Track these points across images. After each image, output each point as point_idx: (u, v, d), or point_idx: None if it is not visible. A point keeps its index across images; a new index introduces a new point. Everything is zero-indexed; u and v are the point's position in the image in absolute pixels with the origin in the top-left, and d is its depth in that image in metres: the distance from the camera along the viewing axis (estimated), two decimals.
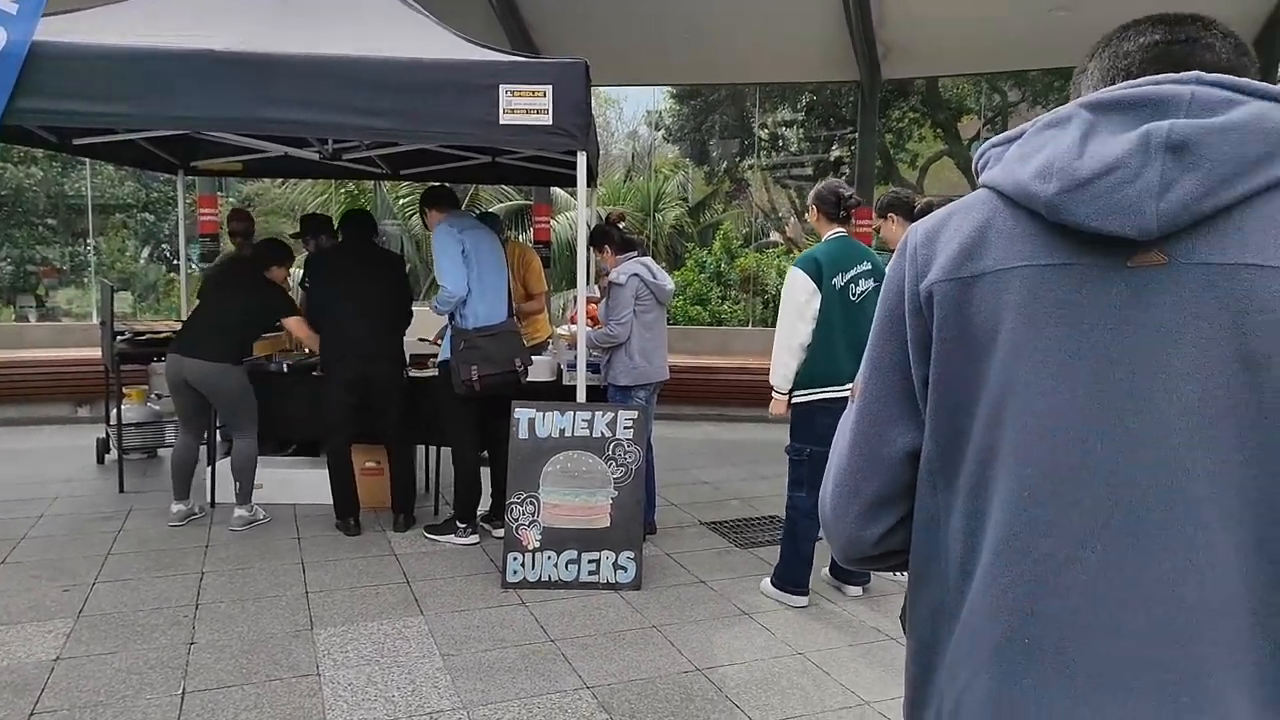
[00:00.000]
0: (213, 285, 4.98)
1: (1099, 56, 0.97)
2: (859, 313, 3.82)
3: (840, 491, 1.02)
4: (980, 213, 0.92)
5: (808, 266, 3.82)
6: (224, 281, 4.94)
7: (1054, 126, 0.89)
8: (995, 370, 0.87)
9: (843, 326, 3.80)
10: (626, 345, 4.63)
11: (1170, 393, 0.81)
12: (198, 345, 4.65)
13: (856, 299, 3.84)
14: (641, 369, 4.66)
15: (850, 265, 3.85)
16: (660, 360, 4.80)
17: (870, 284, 3.87)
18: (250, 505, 4.89)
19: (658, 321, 4.78)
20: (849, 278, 3.83)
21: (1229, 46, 0.91)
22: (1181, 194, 0.79)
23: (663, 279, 4.79)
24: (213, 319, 4.71)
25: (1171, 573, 0.80)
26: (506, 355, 4.47)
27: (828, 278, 3.79)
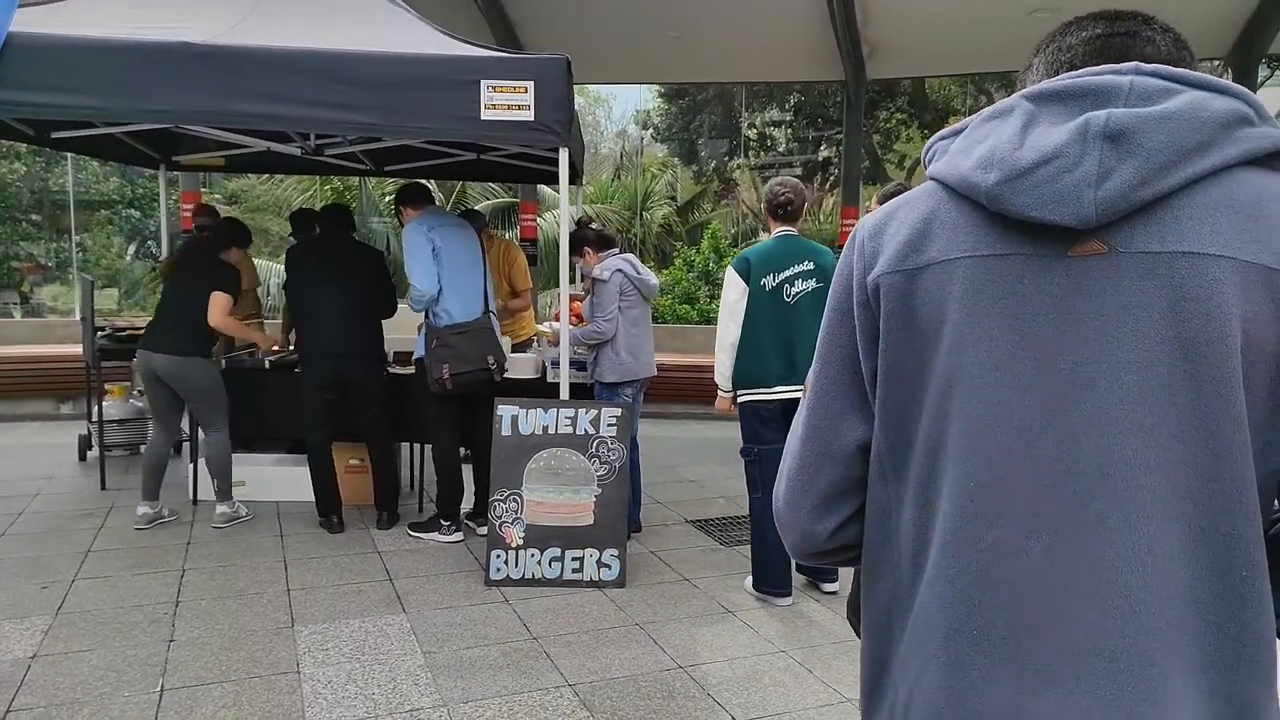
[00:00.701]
0: (171, 275, 4.85)
1: (1043, 52, 0.98)
2: (792, 314, 3.81)
3: (793, 487, 1.01)
4: (925, 205, 0.92)
5: (739, 266, 3.87)
6: (181, 270, 4.80)
7: (997, 118, 0.89)
8: (941, 362, 0.88)
9: (771, 327, 3.80)
10: (613, 342, 4.62)
11: (1112, 382, 0.81)
12: (163, 339, 4.60)
13: (791, 299, 3.82)
14: (628, 365, 4.66)
15: (786, 265, 3.84)
16: (647, 357, 4.80)
17: (811, 284, 3.83)
18: (232, 501, 4.85)
19: (643, 318, 4.78)
20: (783, 278, 3.82)
21: (1169, 40, 0.92)
22: (1119, 182, 0.79)
23: (646, 274, 4.78)
24: (174, 311, 4.65)
25: (1116, 561, 0.80)
26: (479, 353, 4.45)
27: (756, 278, 3.81)
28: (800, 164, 18.28)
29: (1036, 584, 0.82)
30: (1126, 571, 0.80)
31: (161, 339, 4.60)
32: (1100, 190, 0.79)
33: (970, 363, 0.86)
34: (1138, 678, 0.79)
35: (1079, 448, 0.81)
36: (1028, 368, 0.83)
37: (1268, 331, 0.78)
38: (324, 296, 4.64)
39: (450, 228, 4.59)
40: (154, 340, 4.61)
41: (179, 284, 4.72)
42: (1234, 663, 0.80)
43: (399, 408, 4.97)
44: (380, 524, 4.85)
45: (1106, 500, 0.80)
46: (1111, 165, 0.80)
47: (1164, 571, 0.79)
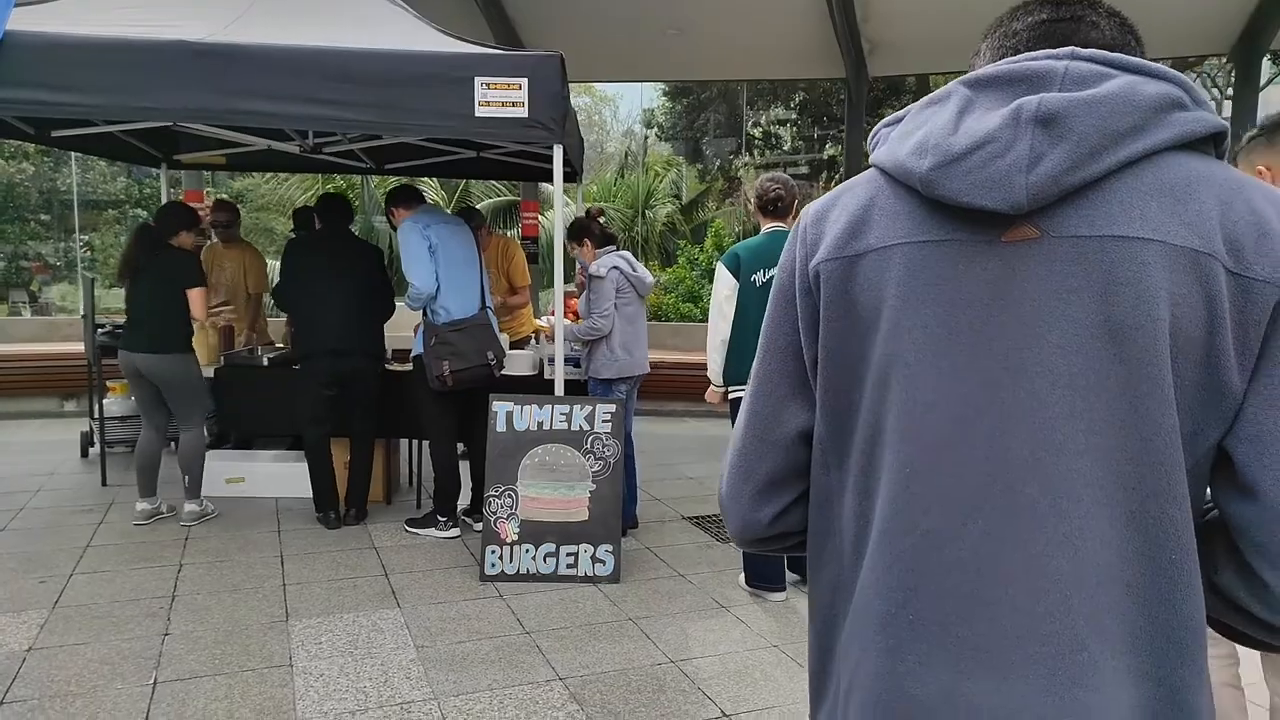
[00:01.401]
0: (135, 270, 4.68)
1: (990, 37, 0.98)
2: None
3: (734, 473, 1.02)
4: (865, 191, 0.92)
5: (729, 262, 3.87)
6: (140, 264, 4.65)
7: (934, 104, 0.90)
8: (879, 348, 0.88)
9: (758, 324, 3.79)
10: (608, 338, 4.63)
11: (1043, 366, 0.81)
12: (144, 338, 4.59)
13: None
14: (623, 362, 4.67)
15: (775, 261, 3.84)
16: (641, 354, 4.80)
17: None
18: (200, 500, 4.85)
19: (638, 315, 4.78)
20: (772, 274, 3.84)
21: (1113, 25, 0.92)
22: (1050, 167, 0.79)
23: (642, 272, 4.80)
24: (149, 309, 4.61)
25: (1047, 546, 0.80)
26: (477, 349, 4.46)
27: (746, 274, 3.81)
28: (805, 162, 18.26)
29: (970, 569, 0.82)
30: (1057, 556, 0.80)
31: (142, 338, 4.60)
32: (1031, 175, 0.79)
33: (906, 349, 0.86)
34: (1069, 661, 0.79)
35: (1012, 433, 0.81)
36: (963, 353, 0.84)
37: (1195, 314, 0.78)
38: (326, 292, 4.64)
39: (445, 225, 4.60)
40: (134, 339, 4.61)
41: (146, 281, 4.62)
42: (1164, 646, 0.80)
43: (396, 404, 4.98)
44: (348, 520, 4.86)
45: (1037, 485, 0.80)
46: (1043, 150, 0.79)
47: (1094, 555, 0.79)
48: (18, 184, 15.86)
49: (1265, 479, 0.78)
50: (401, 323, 5.16)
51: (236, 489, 5.28)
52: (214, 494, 5.17)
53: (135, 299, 4.65)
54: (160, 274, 4.62)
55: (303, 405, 4.80)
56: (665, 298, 12.38)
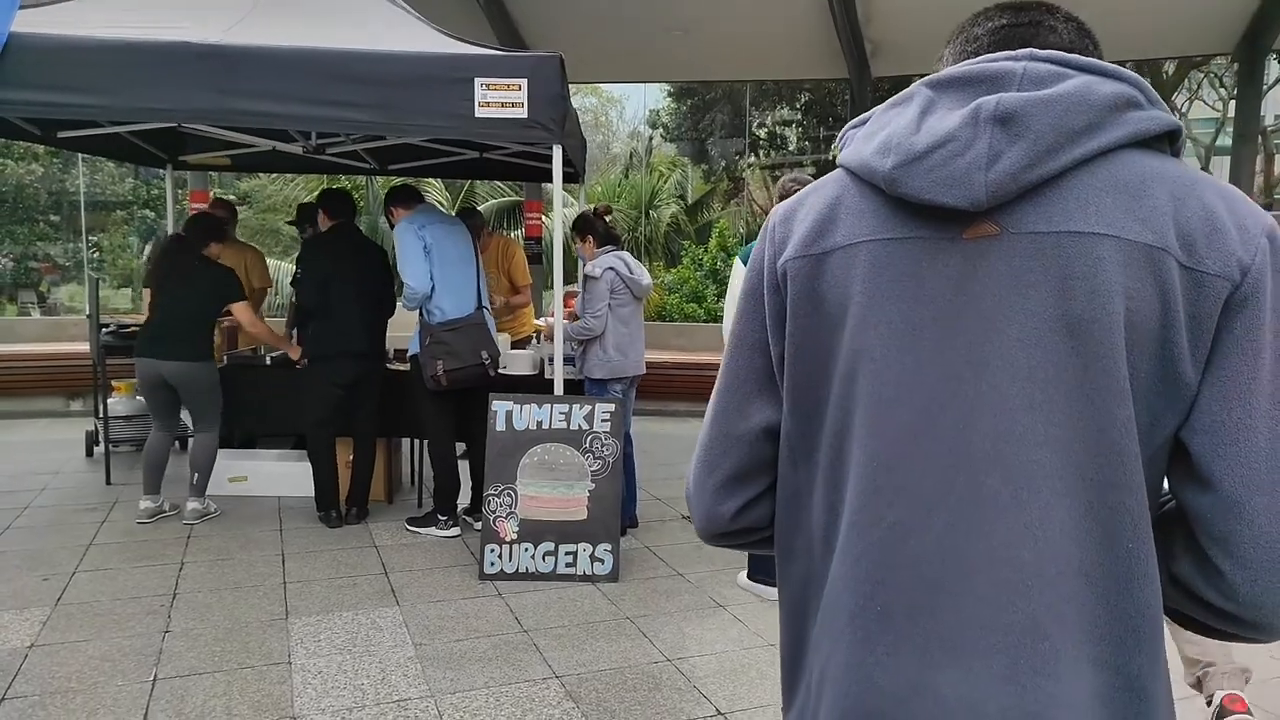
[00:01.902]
0: (163, 279, 4.75)
1: (953, 43, 1.00)
2: None
3: (700, 467, 1.03)
4: (832, 191, 0.94)
5: (746, 259, 3.82)
6: (172, 273, 4.74)
7: (898, 105, 0.92)
8: (846, 344, 0.89)
9: None
10: (601, 339, 4.65)
11: (1004, 360, 0.82)
12: (172, 346, 4.62)
13: None
14: (616, 363, 4.68)
15: None
16: (636, 354, 4.82)
17: None
18: (204, 499, 4.89)
19: (634, 316, 4.80)
20: None
21: (1071, 29, 0.94)
22: (1008, 164, 0.81)
23: (639, 273, 4.81)
24: (177, 316, 4.65)
25: (1009, 536, 0.81)
26: (472, 348, 4.48)
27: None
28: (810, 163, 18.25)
29: (936, 561, 0.83)
30: (1017, 546, 0.81)
31: (171, 347, 4.62)
32: (990, 173, 0.81)
33: (873, 344, 0.87)
34: (1030, 651, 0.80)
35: (975, 426, 0.83)
36: (927, 348, 0.85)
37: (1150, 308, 0.80)
38: (345, 292, 4.67)
39: (441, 225, 4.61)
40: (161, 348, 4.62)
41: (176, 291, 4.67)
42: (1122, 634, 0.81)
43: (397, 404, 5.01)
44: (350, 519, 4.89)
45: (999, 476, 0.82)
46: (1001, 148, 0.81)
47: (1054, 546, 0.81)
48: (27, 185, 15.96)
49: (1220, 469, 0.80)
50: (402, 322, 5.18)
51: (239, 488, 5.31)
52: (217, 493, 5.19)
53: (166, 307, 4.66)
54: (197, 285, 4.68)
55: (310, 405, 4.82)
56: (669, 298, 12.39)
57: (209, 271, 4.75)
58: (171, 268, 4.73)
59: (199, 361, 4.70)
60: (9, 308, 14.86)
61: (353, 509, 4.91)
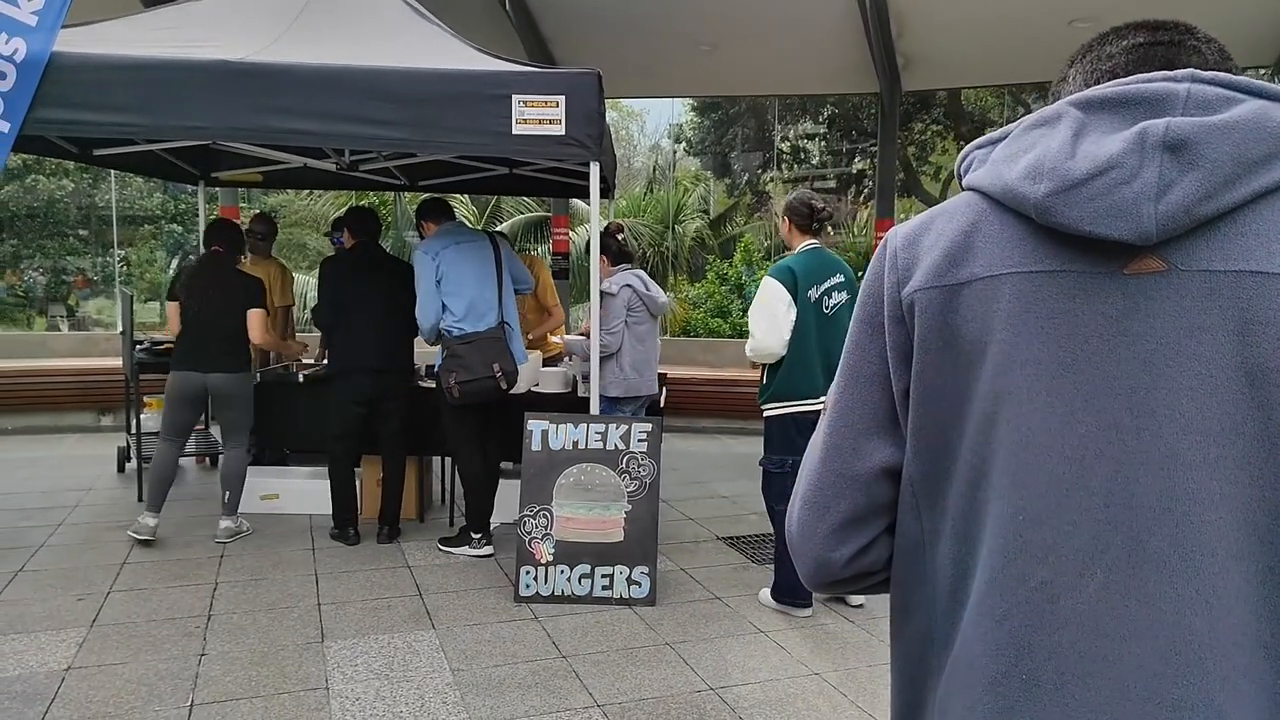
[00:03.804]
0: (202, 291, 4.70)
1: (1080, 62, 0.93)
2: (833, 325, 3.81)
3: (808, 509, 0.95)
4: (965, 216, 0.86)
5: (784, 277, 3.78)
6: (209, 288, 4.70)
7: (1042, 125, 0.84)
8: (984, 384, 0.82)
9: (817, 339, 3.79)
10: (617, 356, 4.61)
11: (1172, 410, 0.75)
12: (217, 360, 4.61)
13: (830, 311, 3.84)
14: (631, 381, 4.63)
15: (824, 278, 3.84)
16: (650, 374, 4.78)
17: (844, 296, 3.87)
18: (236, 517, 4.86)
19: (650, 334, 4.76)
20: (823, 290, 3.83)
21: (1214, 50, 0.88)
22: (1181, 196, 0.74)
23: (655, 291, 4.77)
24: (218, 330, 4.64)
25: (1177, 603, 0.74)
26: (484, 361, 4.45)
27: (803, 290, 3.78)
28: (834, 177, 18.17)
29: (1090, 626, 0.76)
30: (1189, 614, 0.74)
31: (214, 359, 4.61)
32: (1161, 204, 0.74)
33: (1018, 386, 0.80)
34: None
35: (1136, 480, 0.76)
36: (1080, 393, 0.78)
37: None
38: (365, 309, 4.66)
39: (459, 246, 4.57)
40: (204, 361, 4.61)
41: (212, 302, 4.66)
42: None
43: (429, 422, 4.96)
44: (380, 538, 4.85)
45: (1166, 537, 0.75)
46: (1172, 177, 0.75)
47: (1230, 615, 0.73)
48: (58, 200, 16.17)
49: None
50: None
51: (271, 505, 5.29)
52: (248, 510, 5.18)
53: (205, 321, 4.64)
54: (234, 296, 4.69)
55: (329, 421, 4.81)
56: (694, 313, 12.34)
57: (243, 281, 4.77)
58: (209, 280, 4.72)
59: (240, 374, 4.72)
60: (38, 321, 15.02)
61: (384, 528, 4.87)
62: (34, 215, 16.34)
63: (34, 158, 14.33)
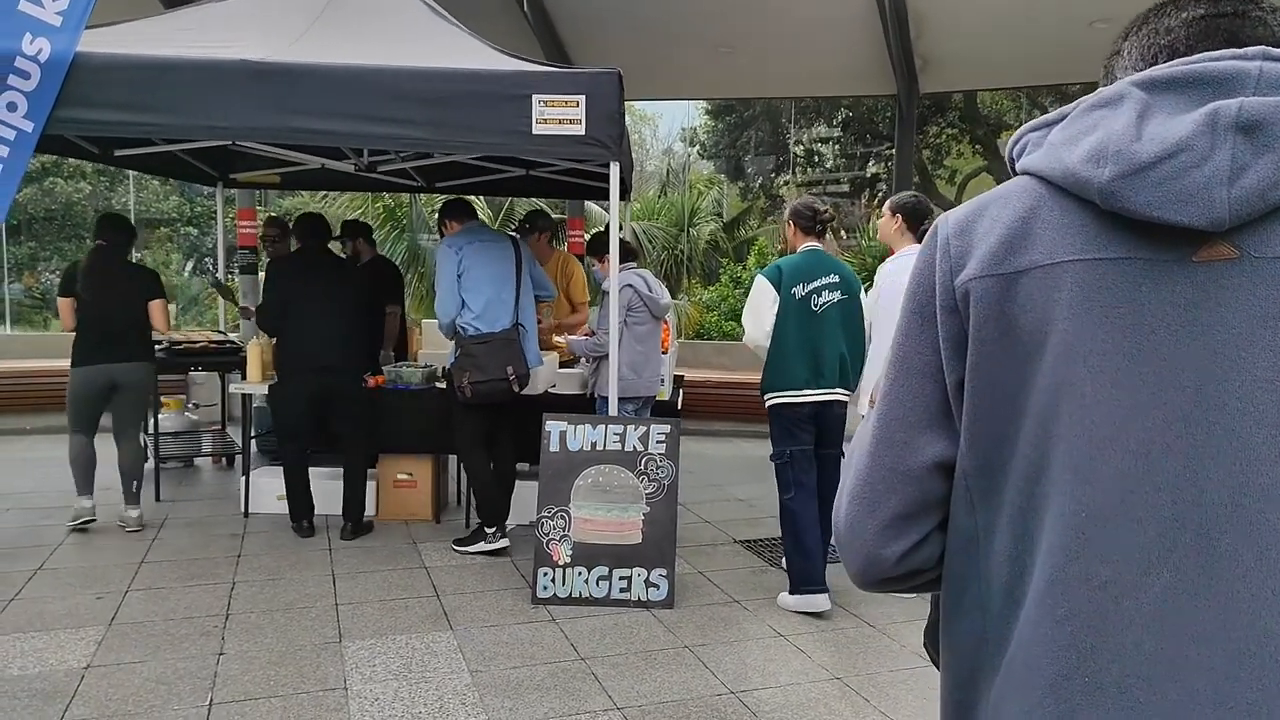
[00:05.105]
0: (98, 286, 4.72)
1: (1135, 36, 0.88)
2: (821, 322, 4.01)
3: (857, 505, 0.91)
4: (1022, 201, 0.82)
5: (770, 275, 4.05)
6: (105, 278, 4.74)
7: (1103, 107, 0.80)
8: (1045, 376, 0.79)
9: (799, 335, 3.98)
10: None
11: (1245, 402, 0.72)
12: (120, 349, 4.75)
13: (819, 309, 4.02)
14: (629, 381, 4.60)
15: (815, 277, 4.03)
16: (651, 374, 4.75)
17: (835, 296, 4.04)
18: (140, 505, 4.95)
19: (651, 335, 4.73)
20: (811, 289, 4.01)
21: (1277, 20, 0.83)
22: (1256, 179, 0.71)
23: (658, 292, 4.74)
24: (119, 320, 4.75)
25: (1250, 603, 0.71)
26: (498, 363, 4.46)
27: (787, 287, 3.98)
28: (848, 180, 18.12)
29: (1156, 627, 0.74)
30: (1265, 615, 0.71)
31: (118, 350, 4.76)
32: (1234, 189, 0.71)
33: (1081, 379, 0.77)
34: None
35: (1206, 475, 0.73)
36: (1147, 385, 0.75)
37: None
38: (309, 311, 4.72)
39: (480, 244, 4.58)
40: (108, 353, 4.74)
41: (109, 296, 4.74)
42: None
43: (443, 422, 4.95)
44: (344, 534, 4.90)
45: (1239, 534, 0.72)
46: (1246, 161, 0.71)
47: None
48: (75, 203, 16.30)
49: None
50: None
51: (279, 505, 5.27)
52: (265, 510, 5.20)
53: (106, 314, 4.73)
54: (128, 287, 4.80)
55: (277, 420, 4.94)
56: (708, 316, 12.31)
57: (136, 272, 4.94)
58: (102, 274, 4.78)
59: (145, 362, 4.89)
60: (55, 322, 15.13)
61: (347, 524, 4.92)
62: (51, 218, 16.47)
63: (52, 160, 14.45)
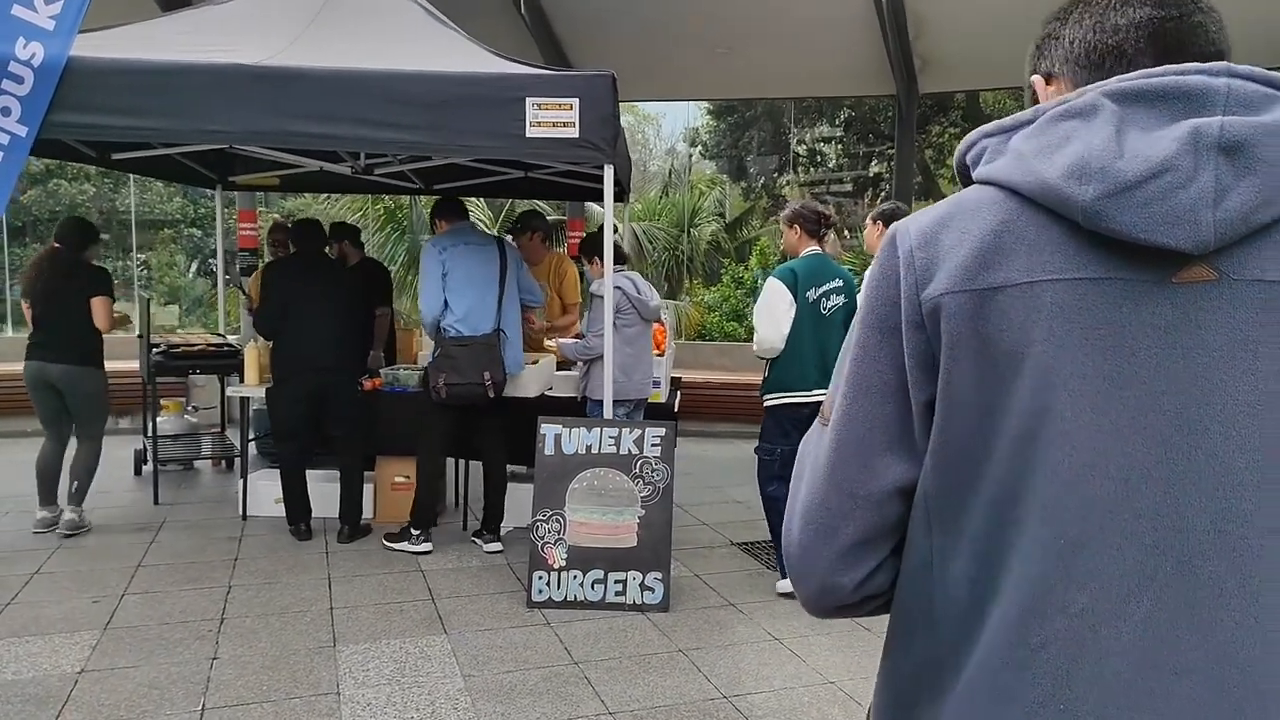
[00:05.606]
0: (46, 287, 4.77)
1: (1076, 24, 0.87)
2: (829, 325, 4.10)
3: (812, 531, 0.87)
4: (992, 213, 0.80)
5: (785, 278, 4.08)
6: (53, 280, 4.77)
7: (1075, 117, 0.78)
8: (1022, 399, 0.77)
9: (812, 337, 4.06)
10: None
11: (1226, 426, 0.72)
12: (61, 351, 4.74)
13: (827, 313, 4.11)
14: (619, 384, 4.59)
15: (823, 281, 4.12)
16: (641, 377, 4.74)
17: (840, 300, 4.14)
18: (80, 509, 4.92)
19: (641, 337, 4.72)
20: (821, 292, 4.09)
21: (1214, 23, 0.84)
22: (1239, 202, 0.71)
23: (648, 295, 4.73)
24: (64, 320, 4.75)
25: (1234, 633, 0.71)
26: (475, 367, 4.47)
27: (803, 290, 4.05)
28: (850, 180, 18.08)
29: (1136, 657, 0.73)
30: (1248, 644, 0.71)
31: (59, 352, 4.75)
32: (1219, 211, 0.71)
33: (1061, 403, 0.75)
34: None
35: (1188, 501, 0.72)
36: (1128, 410, 0.74)
37: None
38: (304, 312, 4.72)
39: (466, 247, 4.59)
40: (49, 353, 4.75)
41: (55, 297, 4.75)
42: None
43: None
44: (341, 537, 4.90)
45: (1221, 561, 0.71)
46: (1228, 182, 0.71)
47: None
48: (79, 204, 16.33)
49: None
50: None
51: (278, 509, 5.27)
52: (263, 513, 5.20)
53: (50, 310, 4.76)
54: (75, 288, 4.79)
55: (274, 421, 4.93)
56: (709, 317, 12.30)
57: (83, 272, 4.88)
58: (51, 276, 4.80)
59: (85, 367, 4.83)
60: None
61: (344, 527, 4.92)
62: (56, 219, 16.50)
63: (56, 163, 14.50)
